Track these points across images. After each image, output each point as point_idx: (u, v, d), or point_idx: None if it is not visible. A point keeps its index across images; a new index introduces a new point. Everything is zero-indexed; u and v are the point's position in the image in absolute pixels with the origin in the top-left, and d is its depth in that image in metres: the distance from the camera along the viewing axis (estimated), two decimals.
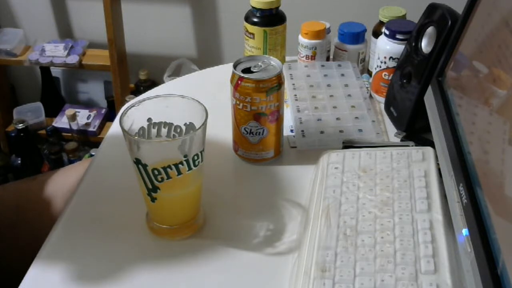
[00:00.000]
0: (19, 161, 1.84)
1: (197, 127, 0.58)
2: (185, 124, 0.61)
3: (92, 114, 1.95)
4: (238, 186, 0.73)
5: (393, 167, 0.66)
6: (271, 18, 0.90)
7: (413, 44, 0.77)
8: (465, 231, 0.52)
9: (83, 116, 1.93)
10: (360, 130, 0.79)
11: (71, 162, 1.83)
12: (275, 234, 0.64)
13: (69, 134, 1.89)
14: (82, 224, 0.66)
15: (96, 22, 1.81)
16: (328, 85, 0.89)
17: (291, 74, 0.91)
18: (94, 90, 2.10)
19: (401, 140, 0.78)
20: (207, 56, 1.98)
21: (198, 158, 0.58)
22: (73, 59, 1.80)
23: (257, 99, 0.68)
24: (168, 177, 0.57)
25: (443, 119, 0.64)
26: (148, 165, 0.57)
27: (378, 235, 0.58)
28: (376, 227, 0.58)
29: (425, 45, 0.76)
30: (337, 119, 0.82)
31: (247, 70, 0.69)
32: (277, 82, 0.68)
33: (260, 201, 0.69)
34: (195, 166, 0.58)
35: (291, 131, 0.80)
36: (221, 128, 0.75)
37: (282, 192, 0.70)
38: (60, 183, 0.80)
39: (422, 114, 0.73)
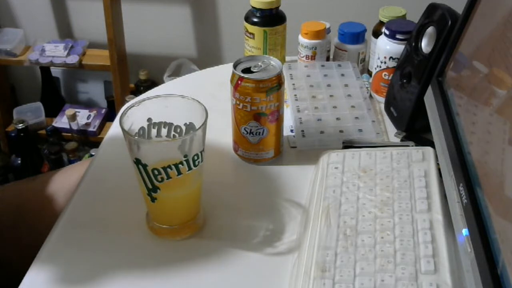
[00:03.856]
0: (19, 161, 1.84)
1: (197, 127, 0.58)
2: (185, 124, 0.61)
3: (92, 114, 1.95)
4: (238, 186, 0.73)
5: (393, 167, 0.66)
6: (271, 18, 0.90)
7: (413, 44, 0.77)
8: (465, 231, 0.52)
9: (83, 116, 1.93)
10: (360, 130, 0.79)
11: (71, 162, 1.83)
12: (275, 234, 0.64)
13: (69, 134, 1.89)
14: (82, 224, 0.66)
15: (96, 22, 1.81)
16: (328, 85, 0.89)
17: (291, 74, 0.91)
18: (94, 90, 2.10)
19: (401, 140, 0.78)
20: (207, 56, 1.98)
21: (198, 158, 0.58)
22: (73, 59, 1.80)
23: (257, 99, 0.68)
24: (168, 177, 0.57)
25: (443, 119, 0.64)
26: (148, 165, 0.57)
27: (378, 235, 0.58)
28: (376, 227, 0.58)
29: (425, 45, 0.76)
30: (337, 119, 0.82)
31: (247, 70, 0.69)
32: (277, 82, 0.68)
33: (260, 201, 0.69)
34: (195, 166, 0.58)
35: (291, 131, 0.80)
36: (221, 128, 0.75)
37: (282, 192, 0.70)
38: (60, 183, 0.80)
39: (422, 114, 0.73)
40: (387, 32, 0.83)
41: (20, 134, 1.78)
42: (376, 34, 0.92)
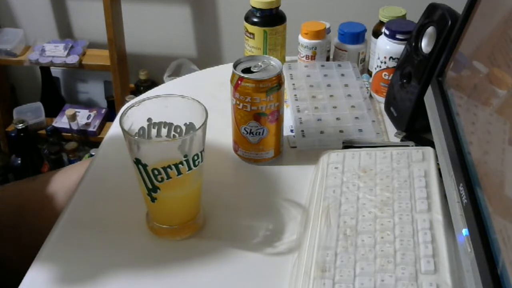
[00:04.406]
0: (19, 161, 1.84)
1: (197, 127, 0.58)
2: (185, 124, 0.61)
3: (92, 114, 1.95)
4: (238, 186, 0.73)
5: (393, 167, 0.66)
6: (271, 18, 0.90)
7: (413, 44, 0.77)
8: (465, 231, 0.52)
9: (83, 116, 1.93)
10: (360, 130, 0.79)
11: (71, 162, 1.83)
12: (275, 234, 0.64)
13: (69, 134, 1.89)
14: (82, 224, 0.66)
15: (96, 22, 1.81)
16: (328, 85, 0.89)
17: (291, 74, 0.91)
18: (94, 90, 2.10)
19: (401, 140, 0.78)
20: (207, 56, 1.98)
21: (198, 158, 0.58)
22: (73, 59, 1.80)
23: (257, 99, 0.68)
24: (168, 177, 0.57)
25: (443, 119, 0.64)
26: (148, 165, 0.57)
27: (378, 235, 0.58)
28: (376, 227, 0.58)
29: (425, 45, 0.76)
30: (337, 119, 0.82)
31: (247, 70, 0.69)
32: (277, 82, 0.68)
33: (260, 201, 0.69)
34: (195, 166, 0.58)
35: (291, 131, 0.80)
36: (221, 128, 0.75)
37: (282, 192, 0.70)
38: (60, 183, 0.80)
39: (422, 114, 0.73)
40: (387, 32, 0.83)
41: (20, 134, 1.78)
42: (376, 34, 0.92)
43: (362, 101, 0.85)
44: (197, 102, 0.60)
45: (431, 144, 0.69)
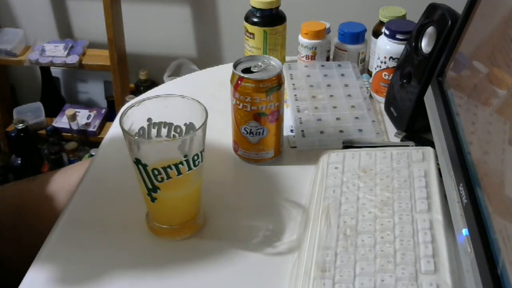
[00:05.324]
0: (19, 161, 1.84)
1: (197, 127, 0.58)
2: (185, 124, 0.61)
3: (92, 114, 1.95)
4: (238, 186, 0.73)
5: (393, 167, 0.66)
6: (271, 18, 0.90)
7: (413, 44, 0.77)
8: (465, 231, 0.52)
9: (83, 116, 1.93)
10: (360, 130, 0.79)
11: (71, 162, 1.83)
12: (275, 234, 0.64)
13: (69, 134, 1.89)
14: (82, 224, 0.66)
15: (96, 22, 1.81)
16: (328, 85, 0.89)
17: (291, 74, 0.91)
18: (94, 90, 2.10)
19: (401, 140, 0.78)
20: (207, 56, 1.98)
21: (198, 158, 0.58)
22: (73, 59, 1.80)
23: (257, 99, 0.68)
24: (168, 177, 0.57)
25: (443, 119, 0.65)
26: (148, 165, 0.57)
27: (378, 235, 0.58)
28: (376, 227, 0.58)
29: (425, 45, 0.76)
30: (337, 119, 0.82)
31: (247, 70, 0.69)
32: (277, 82, 0.68)
33: (260, 201, 0.69)
34: (195, 166, 0.58)
35: (291, 131, 0.80)
36: (221, 128, 0.75)
37: (282, 192, 0.70)
38: (60, 183, 0.80)
39: (422, 114, 0.73)
40: (387, 32, 0.83)
41: (20, 134, 1.78)
42: (376, 34, 0.92)
43: (362, 101, 0.85)
44: (197, 102, 0.60)
45: (431, 144, 0.69)
